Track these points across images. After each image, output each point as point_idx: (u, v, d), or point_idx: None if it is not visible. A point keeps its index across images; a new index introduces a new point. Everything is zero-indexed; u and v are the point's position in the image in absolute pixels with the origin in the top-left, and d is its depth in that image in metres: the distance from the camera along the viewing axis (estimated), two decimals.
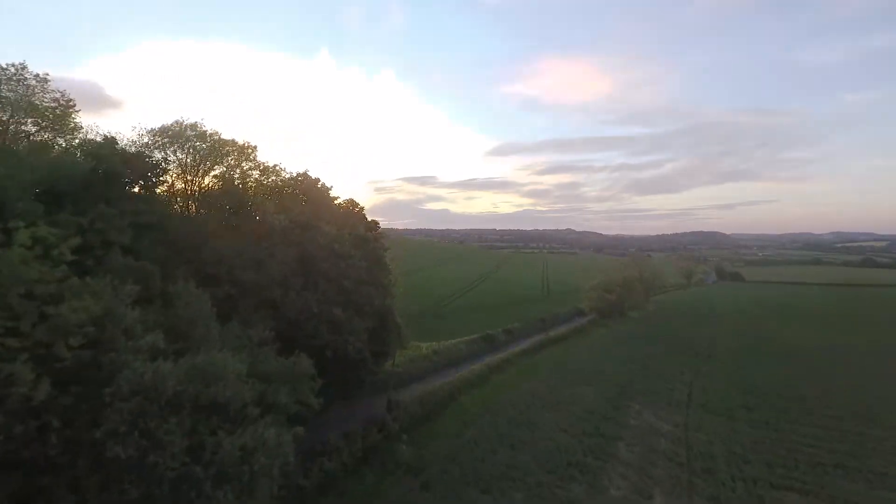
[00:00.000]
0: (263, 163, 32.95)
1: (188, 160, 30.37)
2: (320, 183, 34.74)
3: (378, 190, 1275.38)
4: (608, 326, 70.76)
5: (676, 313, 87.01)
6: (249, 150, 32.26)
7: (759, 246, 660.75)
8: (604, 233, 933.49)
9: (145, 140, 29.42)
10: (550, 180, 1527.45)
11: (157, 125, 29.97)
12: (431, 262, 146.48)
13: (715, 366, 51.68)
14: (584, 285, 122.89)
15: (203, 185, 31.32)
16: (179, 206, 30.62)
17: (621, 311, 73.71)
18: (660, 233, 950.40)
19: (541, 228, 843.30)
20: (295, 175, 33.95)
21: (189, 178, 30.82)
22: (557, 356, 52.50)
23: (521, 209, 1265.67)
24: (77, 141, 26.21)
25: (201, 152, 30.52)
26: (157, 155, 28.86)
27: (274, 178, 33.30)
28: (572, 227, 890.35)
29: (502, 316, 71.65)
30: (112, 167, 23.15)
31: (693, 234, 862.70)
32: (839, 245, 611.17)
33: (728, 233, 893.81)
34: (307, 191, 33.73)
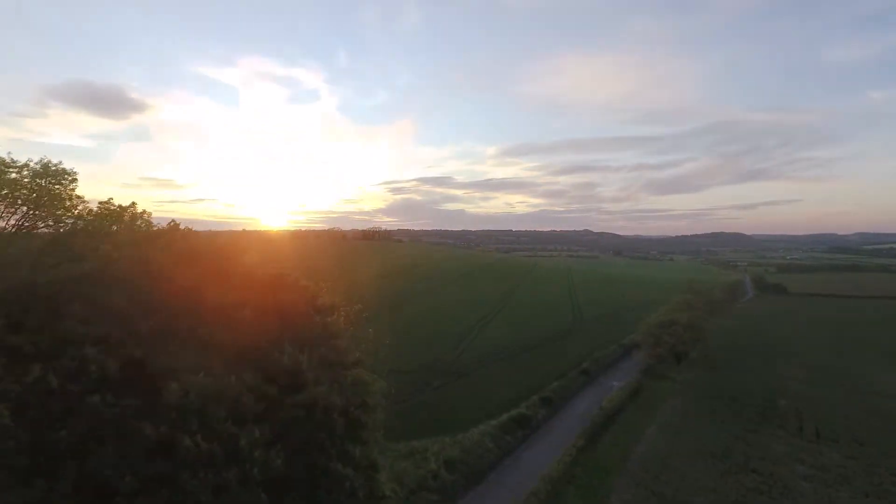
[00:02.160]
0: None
1: None
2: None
3: (394, 191, 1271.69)
4: (670, 378, 54.97)
5: (745, 351, 70.79)
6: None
7: (785, 248, 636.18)
8: (621, 233, 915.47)
9: None
10: (567, 180, 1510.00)
11: None
12: (443, 277, 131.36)
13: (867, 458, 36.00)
14: (616, 302, 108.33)
15: None
16: None
17: (685, 354, 57.81)
18: (679, 233, 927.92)
19: (558, 230, 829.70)
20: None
21: None
22: (623, 446, 37.11)
23: (537, 209, 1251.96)
24: None
25: None
26: None
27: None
28: (590, 228, 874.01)
29: (532, 364, 56.49)
30: None
31: (714, 235, 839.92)
32: (868, 247, 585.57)
33: (749, 233, 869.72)
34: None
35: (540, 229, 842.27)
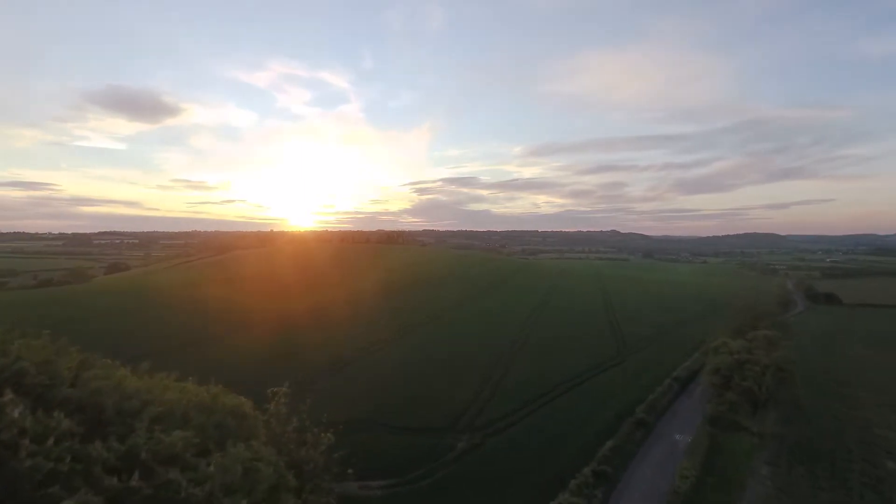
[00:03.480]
0: None
1: None
2: None
3: (419, 191, 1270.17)
4: (747, 430, 44.65)
5: (821, 387, 59.58)
6: None
7: (822, 249, 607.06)
8: (649, 234, 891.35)
9: None
10: (593, 180, 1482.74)
11: None
12: (463, 292, 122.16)
13: None
14: (659, 317, 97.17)
15: None
16: None
17: (766, 401, 47.30)
18: (709, 234, 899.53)
19: (584, 230, 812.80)
20: None
21: None
22: None
23: (563, 210, 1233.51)
24: None
25: None
26: None
27: None
28: (617, 229, 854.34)
29: (575, 410, 46.89)
30: None
31: (746, 235, 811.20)
32: None
33: (783, 234, 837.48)
34: None
35: (566, 230, 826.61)
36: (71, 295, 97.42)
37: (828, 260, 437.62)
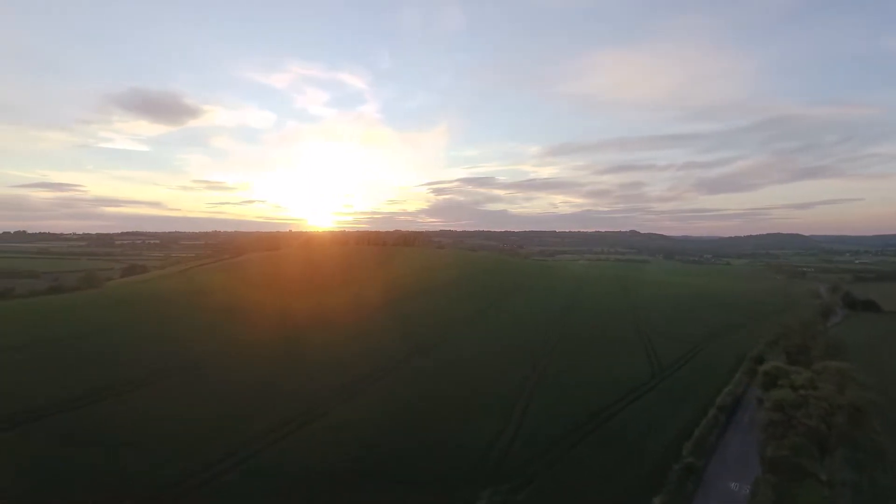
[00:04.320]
0: None
1: None
2: None
3: (436, 192, 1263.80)
4: (814, 476, 38.39)
5: (886, 417, 52.68)
6: None
7: (850, 250, 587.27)
8: (668, 234, 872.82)
9: None
10: (611, 180, 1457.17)
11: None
12: (483, 301, 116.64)
13: None
14: (692, 329, 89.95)
15: None
16: None
17: (831, 447, 40.86)
18: (731, 234, 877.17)
19: (602, 230, 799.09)
20: None
21: None
22: None
23: (581, 210, 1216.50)
24: None
25: None
26: None
27: None
28: (636, 229, 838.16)
29: (611, 451, 40.94)
30: None
31: (769, 235, 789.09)
32: None
33: (807, 234, 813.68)
34: None
35: (584, 230, 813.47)
36: (77, 304, 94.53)
37: (856, 262, 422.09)
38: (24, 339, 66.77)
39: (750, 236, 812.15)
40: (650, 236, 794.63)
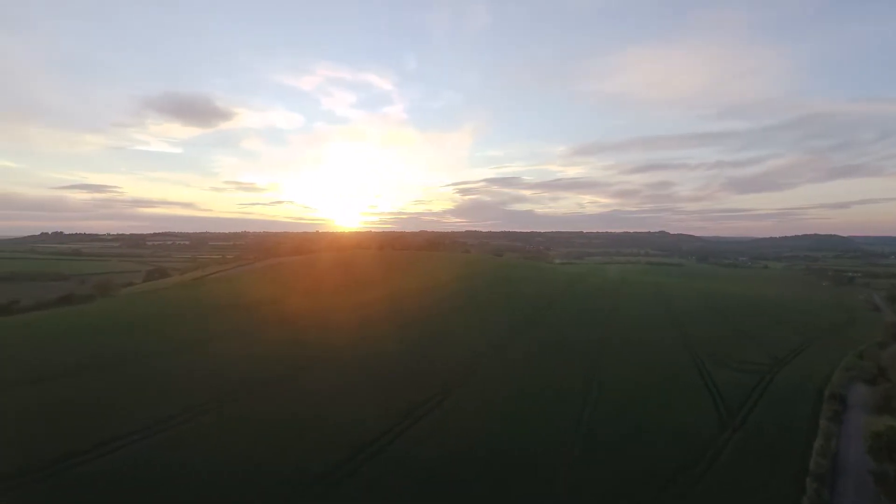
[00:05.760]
0: None
1: None
2: None
3: (462, 192, 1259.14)
4: None
5: None
6: None
7: (893, 252, 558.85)
8: (699, 234, 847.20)
9: None
10: (639, 179, 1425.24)
11: None
12: (507, 328, 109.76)
13: None
14: (751, 359, 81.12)
15: None
16: None
17: None
18: (765, 234, 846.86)
19: (630, 231, 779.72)
20: None
21: None
22: None
23: (608, 210, 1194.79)
24: None
25: None
26: None
27: None
28: (665, 230, 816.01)
29: None
30: None
31: (806, 237, 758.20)
32: None
33: (844, 234, 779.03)
34: None
35: (612, 230, 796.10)
36: (78, 321, 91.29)
37: None
38: None
39: (785, 237, 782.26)
40: (680, 237, 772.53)
